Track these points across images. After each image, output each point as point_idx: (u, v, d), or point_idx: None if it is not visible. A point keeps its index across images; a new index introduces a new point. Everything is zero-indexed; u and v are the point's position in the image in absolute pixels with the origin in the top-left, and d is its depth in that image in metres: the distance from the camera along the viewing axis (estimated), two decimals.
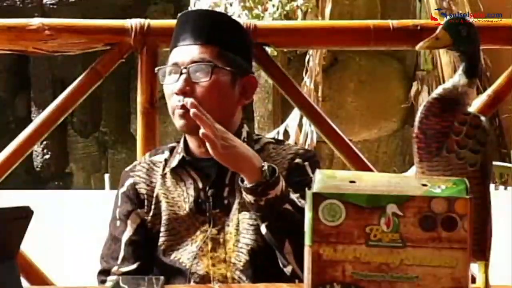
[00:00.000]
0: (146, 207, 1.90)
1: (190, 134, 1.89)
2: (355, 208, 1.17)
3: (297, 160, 1.89)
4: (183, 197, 1.88)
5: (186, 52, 1.87)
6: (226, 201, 1.86)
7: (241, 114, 1.95)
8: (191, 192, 1.87)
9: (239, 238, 1.83)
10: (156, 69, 1.95)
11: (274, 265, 1.80)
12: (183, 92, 1.84)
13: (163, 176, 1.91)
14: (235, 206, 1.85)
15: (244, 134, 1.92)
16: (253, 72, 1.96)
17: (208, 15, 2.02)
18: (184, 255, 1.84)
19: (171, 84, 1.87)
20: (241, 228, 1.83)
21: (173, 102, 1.86)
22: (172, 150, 1.95)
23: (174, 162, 1.90)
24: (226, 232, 1.84)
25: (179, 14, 1.99)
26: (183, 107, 1.83)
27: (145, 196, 1.90)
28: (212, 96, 1.85)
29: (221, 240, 1.84)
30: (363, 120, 6.84)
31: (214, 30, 1.88)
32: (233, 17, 2.42)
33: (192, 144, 1.91)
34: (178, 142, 1.96)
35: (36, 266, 2.32)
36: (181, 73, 1.85)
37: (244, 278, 1.81)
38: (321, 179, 1.21)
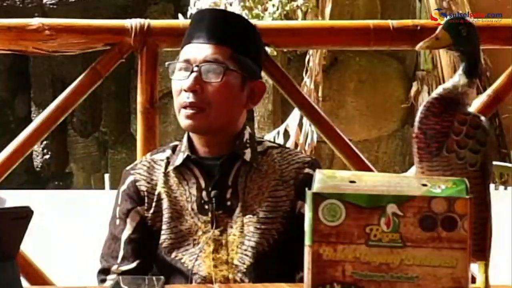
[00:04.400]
0: (146, 204, 1.90)
1: (195, 133, 1.90)
2: (355, 208, 1.17)
3: (307, 170, 1.89)
4: (185, 196, 1.88)
5: (199, 50, 1.87)
6: (228, 203, 1.86)
7: (245, 116, 1.96)
8: (194, 191, 1.87)
9: (244, 241, 1.83)
10: (167, 63, 1.94)
11: (277, 268, 1.81)
12: (192, 90, 1.84)
13: (166, 174, 1.91)
14: (239, 208, 1.85)
15: (247, 135, 1.92)
16: (261, 77, 1.97)
17: (223, 15, 2.02)
18: (186, 256, 1.84)
19: (180, 80, 1.87)
20: (246, 231, 1.83)
21: (181, 98, 1.86)
22: (174, 149, 1.95)
23: (178, 160, 1.90)
24: (229, 233, 1.84)
25: (193, 12, 1.99)
26: (190, 105, 1.84)
27: (146, 193, 1.90)
28: (222, 98, 1.85)
29: (224, 241, 1.84)
30: (363, 120, 6.84)
31: (228, 31, 1.89)
32: None
33: (196, 142, 1.92)
34: (180, 141, 1.96)
35: (36, 266, 2.32)
36: (192, 71, 1.85)
37: (246, 280, 1.81)
38: (321, 179, 1.21)
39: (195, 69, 1.85)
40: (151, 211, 1.89)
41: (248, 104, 1.92)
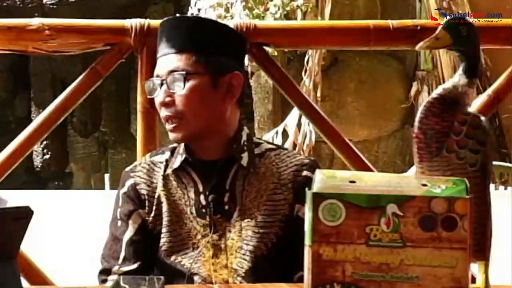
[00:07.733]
0: (147, 208, 1.90)
1: (185, 143, 1.90)
2: (355, 208, 1.17)
3: (306, 173, 1.89)
4: (184, 200, 1.87)
5: (164, 62, 1.88)
6: (226, 207, 1.86)
7: (238, 114, 1.94)
8: (192, 195, 1.87)
9: (242, 245, 1.83)
10: (144, 83, 1.97)
11: (276, 272, 1.80)
12: (164, 104, 1.86)
13: (165, 177, 1.90)
14: (237, 212, 1.85)
15: (244, 137, 1.92)
16: (240, 68, 1.92)
17: (180, 21, 1.97)
18: (185, 259, 1.84)
19: (155, 96, 1.89)
20: (244, 235, 1.83)
21: (161, 113, 1.89)
22: (173, 151, 1.95)
23: (176, 163, 1.90)
24: (227, 238, 1.84)
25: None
26: (169, 119, 1.86)
27: (146, 197, 1.90)
28: (191, 103, 1.85)
29: (223, 246, 1.84)
30: (363, 120, 6.84)
31: (187, 36, 1.88)
32: (234, 17, 2.42)
33: (193, 146, 1.92)
34: (179, 143, 1.96)
35: (36, 266, 2.31)
36: (162, 84, 1.87)
37: (245, 284, 1.81)
38: (321, 179, 1.21)
39: (163, 82, 1.87)
40: (152, 214, 1.89)
41: (227, 98, 1.89)
